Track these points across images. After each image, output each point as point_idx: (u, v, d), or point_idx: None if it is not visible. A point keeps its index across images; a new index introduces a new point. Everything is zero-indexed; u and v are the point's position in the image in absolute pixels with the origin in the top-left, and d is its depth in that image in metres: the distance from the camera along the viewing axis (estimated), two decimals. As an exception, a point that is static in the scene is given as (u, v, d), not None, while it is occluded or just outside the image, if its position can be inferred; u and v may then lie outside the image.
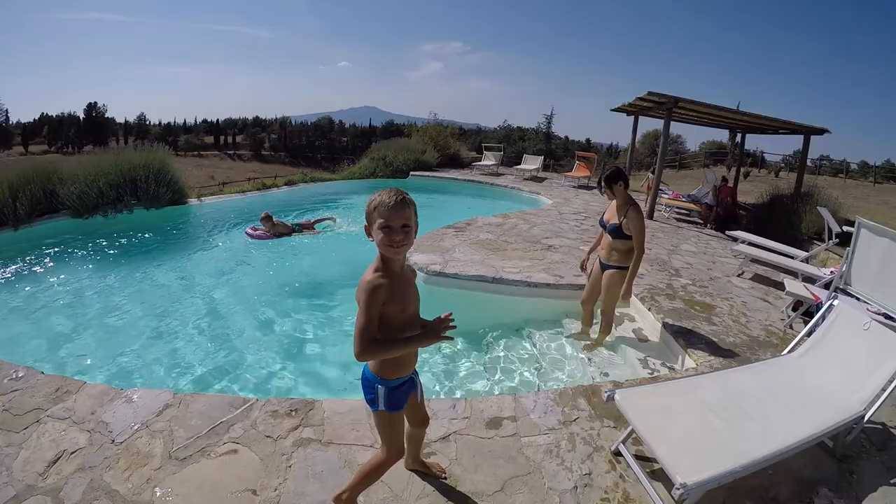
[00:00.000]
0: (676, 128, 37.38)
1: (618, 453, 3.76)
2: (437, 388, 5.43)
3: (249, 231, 11.08)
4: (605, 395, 3.70)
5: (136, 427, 3.77)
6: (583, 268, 6.21)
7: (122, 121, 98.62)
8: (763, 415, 3.63)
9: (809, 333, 4.76)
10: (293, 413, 3.98)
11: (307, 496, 3.22)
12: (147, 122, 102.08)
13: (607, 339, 6.08)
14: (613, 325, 6.18)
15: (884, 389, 3.90)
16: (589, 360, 5.87)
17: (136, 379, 5.46)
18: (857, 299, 6.09)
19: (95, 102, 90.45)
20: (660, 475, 3.49)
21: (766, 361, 4.65)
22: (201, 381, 5.49)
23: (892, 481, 3.78)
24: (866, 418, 3.82)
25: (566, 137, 61.77)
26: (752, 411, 3.64)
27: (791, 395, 3.93)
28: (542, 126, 43.82)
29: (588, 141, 76.47)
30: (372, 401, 2.79)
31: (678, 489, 2.87)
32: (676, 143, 43.18)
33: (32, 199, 10.80)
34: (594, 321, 6.27)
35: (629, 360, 5.82)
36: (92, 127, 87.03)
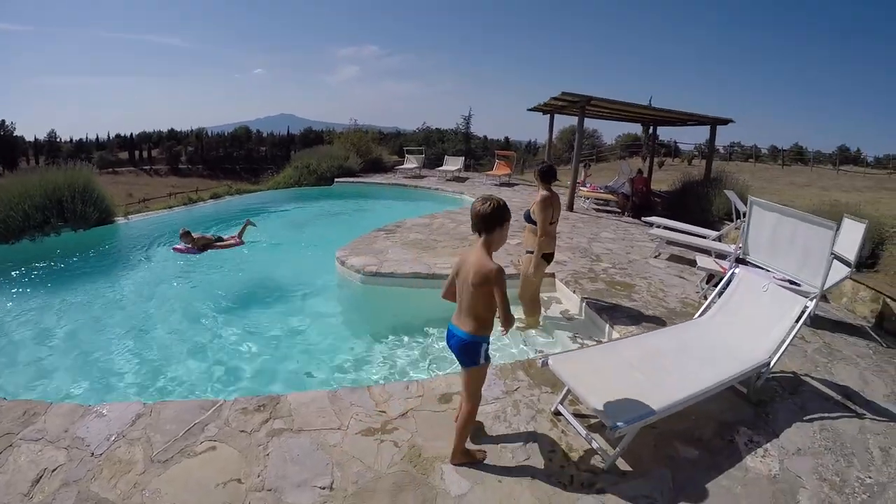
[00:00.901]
0: (593, 123, 38.62)
1: (557, 413, 4.32)
2: (387, 374, 5.82)
3: (177, 247, 11.00)
4: (541, 362, 4.23)
5: (112, 438, 3.93)
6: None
7: (32, 139, 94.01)
8: (679, 367, 4.27)
9: (717, 299, 5.39)
10: (262, 408, 4.26)
11: (289, 477, 3.55)
12: (58, 140, 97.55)
13: (539, 322, 6.56)
14: (542, 308, 6.68)
15: (783, 340, 4.58)
16: (524, 342, 6.33)
17: (97, 396, 5.54)
18: (761, 269, 6.81)
19: (3, 120, 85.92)
20: (596, 427, 4.08)
21: (679, 325, 5.29)
22: (162, 391, 5.65)
23: (804, 418, 4.49)
24: (771, 364, 4.50)
25: (485, 137, 62.62)
26: (669, 366, 4.27)
27: (703, 351, 4.58)
28: (460, 127, 44.38)
29: (507, 139, 77.69)
30: (474, 359, 3.50)
31: (612, 429, 3.42)
32: (593, 138, 44.64)
33: (-48, 227, 10.43)
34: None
35: (559, 339, 6.35)
36: (1, 146, 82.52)
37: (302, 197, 18.38)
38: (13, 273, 9.62)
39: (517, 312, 6.63)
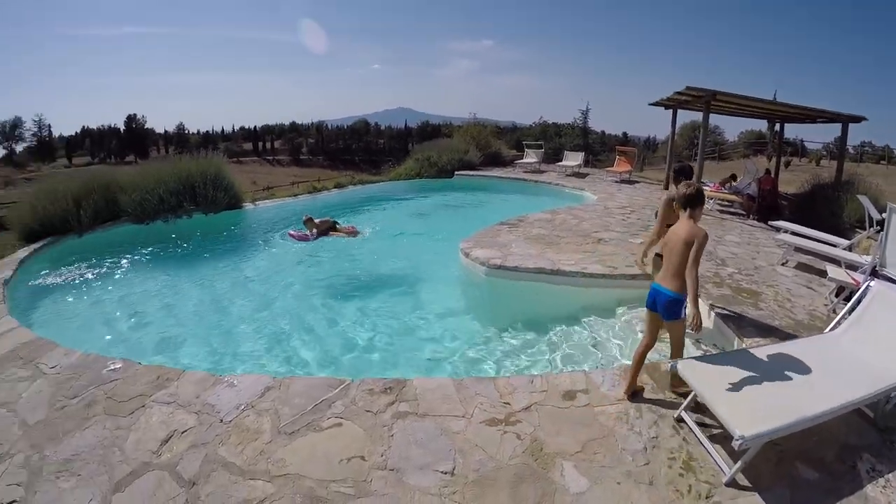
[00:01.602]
0: (715, 119, 36.77)
1: (680, 420, 4.17)
2: (508, 367, 5.84)
3: (292, 233, 11.63)
4: (670, 366, 4.20)
5: (241, 407, 4.21)
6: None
7: (162, 131, 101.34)
8: (807, 383, 3.97)
9: (850, 314, 4.97)
10: (388, 390, 4.39)
11: (412, 459, 3.64)
12: (186, 132, 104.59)
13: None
14: None
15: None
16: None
17: (225, 368, 5.93)
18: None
19: (135, 114, 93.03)
20: (719, 438, 3.88)
21: (809, 338, 4.93)
22: (288, 368, 5.98)
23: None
24: (903, 388, 4.06)
25: (603, 132, 61.15)
26: (797, 380, 4.00)
27: (832, 368, 4.24)
28: (578, 121, 43.61)
29: (625, 135, 75.54)
30: (677, 313, 4.15)
31: (737, 440, 3.27)
32: (715, 134, 42.37)
33: (95, 208, 11.50)
34: None
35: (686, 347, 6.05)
36: (133, 138, 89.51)
37: (423, 189, 18.76)
38: (147, 251, 10.57)
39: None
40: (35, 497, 3.48)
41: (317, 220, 11.59)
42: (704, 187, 14.95)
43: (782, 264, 8.64)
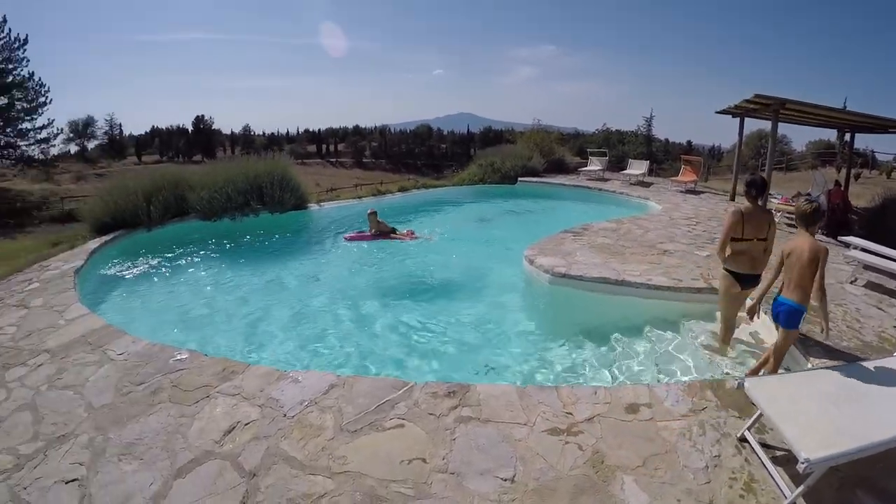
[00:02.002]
0: (782, 128, 35.55)
1: (743, 440, 4.03)
2: (570, 377, 5.76)
3: (349, 236, 11.75)
4: (736, 382, 4.15)
5: (305, 403, 4.28)
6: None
7: (229, 132, 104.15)
8: (876, 408, 3.78)
9: None
10: (452, 394, 4.38)
11: (473, 464, 3.61)
12: (252, 133, 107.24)
13: (727, 350, 6.14)
14: (731, 333, 6.25)
15: None
16: (709, 359, 5.94)
17: (288, 364, 6.02)
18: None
19: (202, 115, 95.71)
20: (781, 461, 3.75)
21: (881, 360, 4.67)
22: (351, 367, 6.04)
23: None
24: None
25: (666, 140, 59.95)
26: (866, 404, 3.81)
27: None
28: (641, 129, 43.00)
29: (689, 143, 73.82)
30: (795, 324, 4.63)
31: (802, 464, 3.14)
32: (782, 144, 40.74)
33: (164, 204, 11.96)
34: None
35: (747, 362, 5.85)
36: (200, 138, 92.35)
37: (486, 194, 18.78)
38: (214, 247, 10.97)
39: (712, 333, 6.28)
40: (97, 477, 3.60)
41: (379, 220, 11.74)
42: (772, 199, 14.51)
43: (851, 282, 8.27)
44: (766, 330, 6.37)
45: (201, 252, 10.68)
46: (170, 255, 10.35)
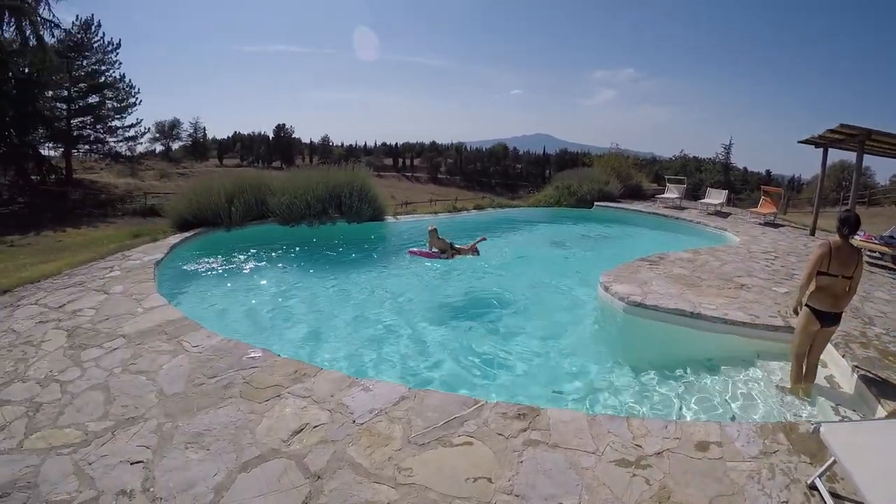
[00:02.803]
0: (866, 160, 33.97)
1: (813, 487, 3.82)
2: (639, 408, 5.64)
3: (413, 250, 11.70)
4: (812, 427, 3.86)
5: (375, 412, 4.28)
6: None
7: (308, 141, 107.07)
8: None
9: None
10: (522, 416, 4.30)
11: (538, 488, 3.53)
12: (330, 143, 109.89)
13: (800, 391, 5.88)
14: (804, 373, 5.99)
15: None
16: (781, 400, 5.69)
17: (357, 371, 6.07)
18: None
19: (283, 124, 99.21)
20: None
21: None
22: (419, 380, 6.07)
23: None
24: None
25: (745, 168, 58.17)
26: None
27: None
28: (719, 156, 42.08)
29: (768, 173, 71.44)
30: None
31: None
32: (865, 177, 38.80)
33: (245, 206, 12.37)
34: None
35: (821, 406, 5.56)
36: (280, 145, 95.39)
37: (561, 217, 18.71)
38: (290, 251, 11.31)
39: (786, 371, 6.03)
40: (162, 461, 3.69)
41: (438, 237, 11.65)
42: (854, 236, 13.79)
43: None
44: (840, 374, 6.09)
45: (277, 255, 11.00)
46: (246, 255, 10.71)
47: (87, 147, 36.12)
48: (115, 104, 35.88)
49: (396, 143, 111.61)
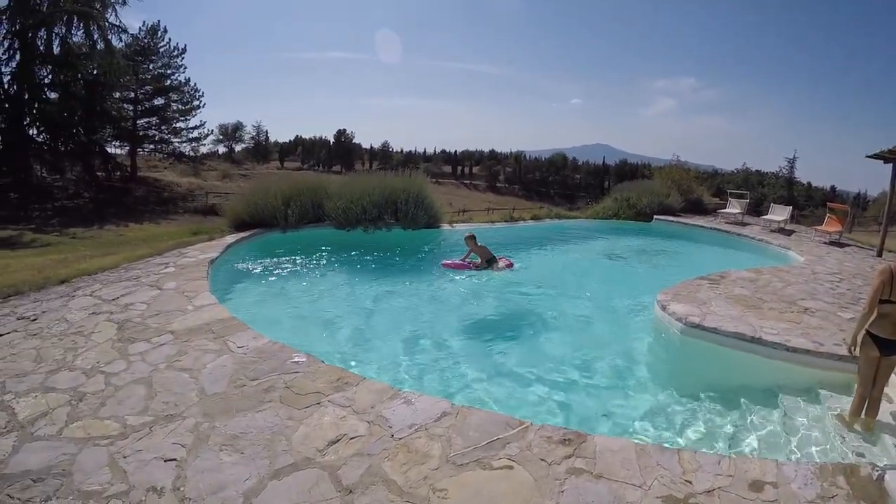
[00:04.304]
0: None
1: None
2: (691, 439, 5.40)
3: (447, 262, 11.18)
4: (875, 474, 3.69)
5: (415, 427, 4.16)
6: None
7: (368, 146, 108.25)
8: None
9: None
10: (567, 442, 4.10)
11: None
12: (390, 149, 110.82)
13: (861, 425, 5.50)
14: (869, 406, 5.59)
15: None
16: (843, 437, 5.32)
17: (400, 382, 5.97)
18: None
19: (344, 129, 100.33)
20: None
21: None
22: (461, 395, 5.90)
23: None
24: None
25: (809, 184, 56.25)
26: None
27: None
28: (783, 170, 40.92)
29: (833, 189, 69.03)
30: None
31: None
32: None
33: (301, 209, 12.55)
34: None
35: (885, 444, 5.16)
36: (340, 150, 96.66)
37: (620, 230, 18.35)
38: (344, 256, 11.40)
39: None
40: (195, 461, 3.67)
41: (479, 244, 11.18)
42: None
43: None
44: None
45: (330, 259, 11.10)
46: (300, 259, 10.82)
47: (151, 146, 38.21)
48: (179, 106, 37.70)
49: (455, 151, 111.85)
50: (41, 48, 26.50)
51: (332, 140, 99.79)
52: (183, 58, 36.90)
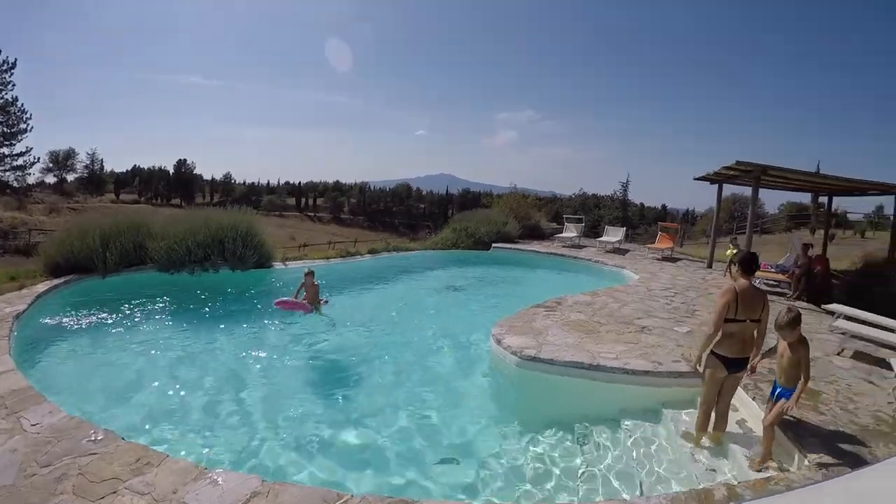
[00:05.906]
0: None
1: None
2: (539, 483, 5.24)
3: (282, 301, 10.25)
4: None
5: None
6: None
7: (209, 178, 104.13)
8: None
9: None
10: (393, 513, 3.77)
11: None
12: (233, 181, 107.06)
13: (701, 439, 5.70)
14: (714, 421, 5.80)
15: None
16: (692, 455, 5.45)
17: (214, 454, 5.42)
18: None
19: (185, 159, 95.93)
20: None
21: (888, 461, 4.22)
22: (281, 464, 5.37)
23: None
24: None
25: (641, 204, 60.82)
26: None
27: None
28: (617, 193, 43.81)
29: (664, 207, 75.07)
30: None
31: None
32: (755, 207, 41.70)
33: (122, 251, 11.46)
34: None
35: (735, 457, 5.30)
36: (180, 182, 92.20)
37: (458, 260, 18.40)
38: (165, 304, 10.42)
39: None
40: None
41: (315, 281, 10.51)
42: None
43: (838, 354, 7.91)
44: (752, 417, 5.95)
45: (150, 308, 10.06)
46: (118, 308, 9.67)
47: (-33, 175, 33.35)
48: (4, 129, 33.36)
49: (300, 182, 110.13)
50: None
51: (171, 170, 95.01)
52: (12, 73, 33.03)
